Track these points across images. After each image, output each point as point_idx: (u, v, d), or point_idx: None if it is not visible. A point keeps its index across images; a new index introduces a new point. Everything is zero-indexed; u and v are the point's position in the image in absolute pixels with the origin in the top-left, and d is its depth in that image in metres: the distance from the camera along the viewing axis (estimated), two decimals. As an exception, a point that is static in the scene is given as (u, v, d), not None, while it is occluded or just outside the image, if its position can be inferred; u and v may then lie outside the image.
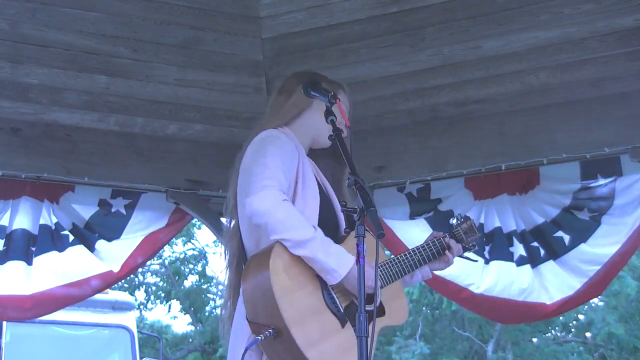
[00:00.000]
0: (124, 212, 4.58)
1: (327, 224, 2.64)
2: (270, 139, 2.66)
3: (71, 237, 4.47)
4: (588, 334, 14.87)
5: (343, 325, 2.43)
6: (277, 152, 2.60)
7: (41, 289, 4.32)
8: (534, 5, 3.92)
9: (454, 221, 3.03)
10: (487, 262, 4.42)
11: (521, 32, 4.01)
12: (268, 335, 2.36)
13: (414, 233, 4.47)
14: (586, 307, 13.93)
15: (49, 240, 4.40)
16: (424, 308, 15.18)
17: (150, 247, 4.62)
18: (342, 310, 2.45)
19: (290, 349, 2.34)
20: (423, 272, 2.87)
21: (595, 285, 4.22)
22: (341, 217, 2.76)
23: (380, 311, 2.55)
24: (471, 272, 4.41)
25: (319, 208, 2.65)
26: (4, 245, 4.32)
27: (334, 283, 2.42)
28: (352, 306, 2.47)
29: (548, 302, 4.28)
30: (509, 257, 4.38)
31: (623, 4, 3.81)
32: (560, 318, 14.85)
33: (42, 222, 4.40)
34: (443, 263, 2.87)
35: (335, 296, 2.46)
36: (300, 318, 2.37)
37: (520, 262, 4.36)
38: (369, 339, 2.30)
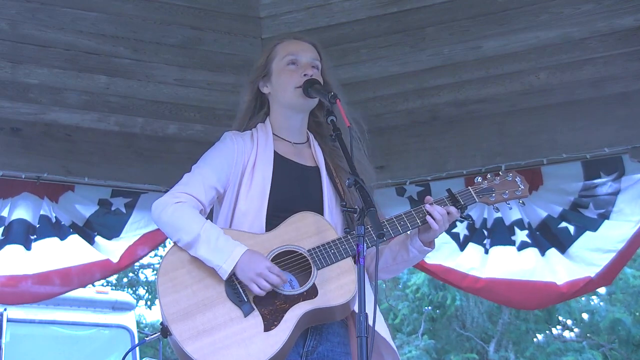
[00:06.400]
0: (123, 210, 4.60)
1: (305, 203, 2.64)
2: (217, 143, 2.82)
3: (72, 230, 4.50)
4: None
5: (246, 315, 2.44)
6: (209, 156, 2.79)
7: (41, 270, 4.34)
8: (534, 5, 3.93)
9: (479, 179, 2.74)
10: (486, 251, 4.42)
11: (521, 32, 4.01)
12: (155, 334, 2.49)
13: None
14: (591, 300, 13.84)
15: (49, 228, 4.43)
16: (425, 308, 15.17)
17: (150, 241, 4.63)
18: (246, 300, 2.45)
19: (175, 344, 2.43)
20: (414, 245, 2.65)
21: (606, 274, 4.20)
22: (328, 197, 2.70)
23: (312, 292, 2.49)
24: (474, 260, 4.41)
25: (296, 192, 2.68)
26: (2, 235, 4.35)
27: (225, 279, 2.46)
28: (263, 296, 2.46)
29: (559, 283, 4.25)
30: (510, 243, 4.37)
31: (623, 4, 3.82)
32: (560, 318, 14.82)
33: (42, 213, 4.42)
34: (431, 232, 2.61)
35: (239, 287, 2.47)
36: (185, 313, 2.43)
37: (522, 247, 4.34)
38: (288, 325, 2.37)
